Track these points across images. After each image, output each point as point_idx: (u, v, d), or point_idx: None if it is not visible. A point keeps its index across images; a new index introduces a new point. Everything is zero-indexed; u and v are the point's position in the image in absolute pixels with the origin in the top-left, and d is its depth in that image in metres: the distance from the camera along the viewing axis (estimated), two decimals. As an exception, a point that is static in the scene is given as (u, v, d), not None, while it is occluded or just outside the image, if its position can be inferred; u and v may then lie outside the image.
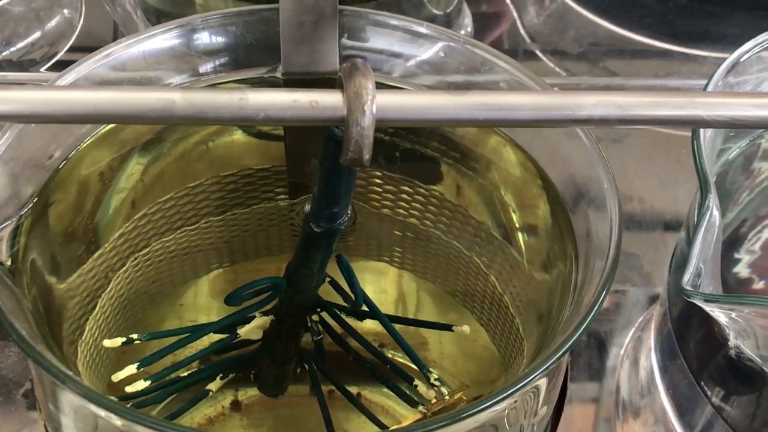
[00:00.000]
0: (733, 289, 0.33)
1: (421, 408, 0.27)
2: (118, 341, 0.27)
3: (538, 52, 0.41)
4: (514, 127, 0.27)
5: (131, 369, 0.26)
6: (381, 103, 0.21)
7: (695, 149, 0.26)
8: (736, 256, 0.33)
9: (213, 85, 0.29)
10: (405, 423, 0.28)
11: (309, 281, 0.27)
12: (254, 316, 0.28)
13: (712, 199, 0.25)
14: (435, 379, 0.28)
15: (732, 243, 0.33)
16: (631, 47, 0.39)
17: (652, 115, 0.22)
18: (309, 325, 0.28)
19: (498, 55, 0.28)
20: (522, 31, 0.41)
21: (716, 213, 0.25)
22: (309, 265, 0.27)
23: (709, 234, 0.25)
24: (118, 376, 0.26)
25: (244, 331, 0.28)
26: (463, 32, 0.42)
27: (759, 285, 0.33)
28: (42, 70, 0.39)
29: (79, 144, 0.27)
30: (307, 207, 0.26)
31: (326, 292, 0.28)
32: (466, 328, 0.28)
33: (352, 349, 0.29)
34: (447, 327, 0.29)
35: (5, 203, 0.25)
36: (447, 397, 0.27)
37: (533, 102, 0.22)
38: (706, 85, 0.26)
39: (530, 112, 0.22)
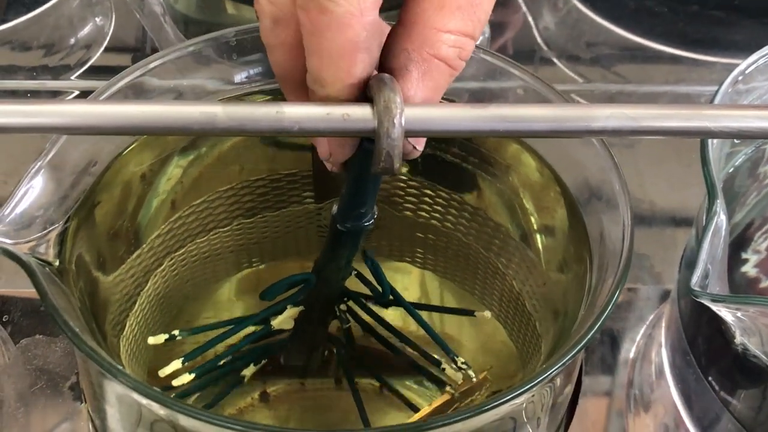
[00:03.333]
0: (741, 288, 0.34)
1: (448, 389, 0.29)
2: (162, 338, 0.28)
3: (552, 57, 0.42)
4: (532, 137, 0.29)
5: (177, 364, 0.27)
6: (409, 116, 0.23)
7: (703, 157, 0.27)
8: (744, 256, 0.34)
9: (246, 94, 0.30)
10: (435, 404, 0.29)
11: (336, 275, 0.29)
12: (286, 308, 0.29)
13: (719, 204, 0.26)
14: (462, 363, 0.29)
15: (740, 243, 0.34)
16: (642, 53, 0.41)
17: (662, 126, 0.24)
18: (337, 314, 0.30)
19: (512, 64, 0.30)
20: (537, 37, 0.43)
21: (723, 217, 0.26)
22: (336, 261, 0.28)
23: (717, 237, 0.26)
24: (165, 371, 0.27)
25: (278, 322, 0.29)
26: (480, 37, 0.43)
27: (766, 284, 0.34)
28: (75, 76, 0.41)
29: (121, 149, 0.28)
30: (335, 208, 0.27)
31: (353, 283, 0.30)
32: (487, 314, 0.30)
33: (380, 336, 0.30)
34: (469, 312, 0.30)
35: (53, 207, 0.26)
36: (474, 378, 0.29)
37: (551, 114, 0.23)
38: (715, 95, 0.28)
39: (548, 124, 0.23)
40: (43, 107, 0.22)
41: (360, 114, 0.23)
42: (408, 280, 0.33)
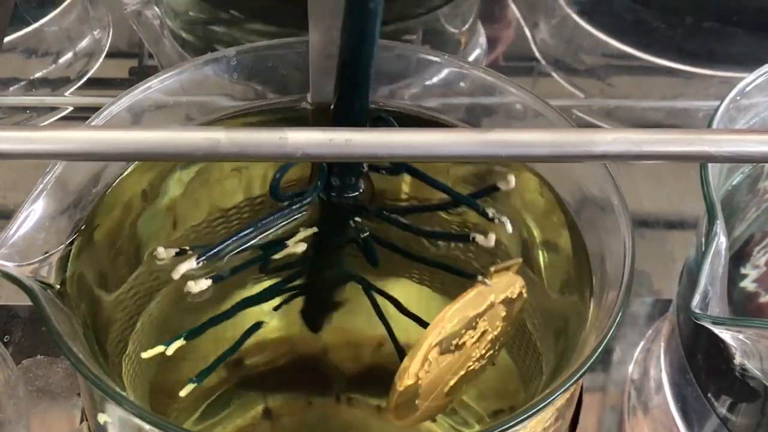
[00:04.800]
0: (740, 304, 0.34)
1: (480, 279, 0.28)
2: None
3: (550, 70, 0.43)
4: (534, 162, 0.29)
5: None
6: (408, 141, 0.23)
7: (703, 177, 0.27)
8: (743, 271, 0.34)
9: (246, 112, 0.30)
10: (466, 296, 0.28)
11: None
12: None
13: (719, 225, 0.27)
14: (493, 213, 0.28)
15: (739, 258, 0.35)
16: (639, 66, 0.41)
17: (662, 151, 0.24)
18: (353, 227, 0.30)
19: (507, 81, 0.30)
20: (534, 50, 0.43)
21: (723, 239, 0.26)
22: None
23: (716, 258, 0.26)
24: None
25: (291, 242, 0.29)
26: (478, 50, 0.44)
27: (766, 299, 0.34)
28: (74, 89, 0.41)
29: (124, 169, 0.28)
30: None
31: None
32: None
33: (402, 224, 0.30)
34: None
35: (55, 229, 0.26)
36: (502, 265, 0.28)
37: (552, 140, 0.24)
38: (713, 116, 0.28)
39: (550, 149, 0.23)
40: (45, 134, 0.22)
41: (361, 139, 0.23)
42: (407, 297, 0.33)
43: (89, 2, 0.43)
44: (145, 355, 0.28)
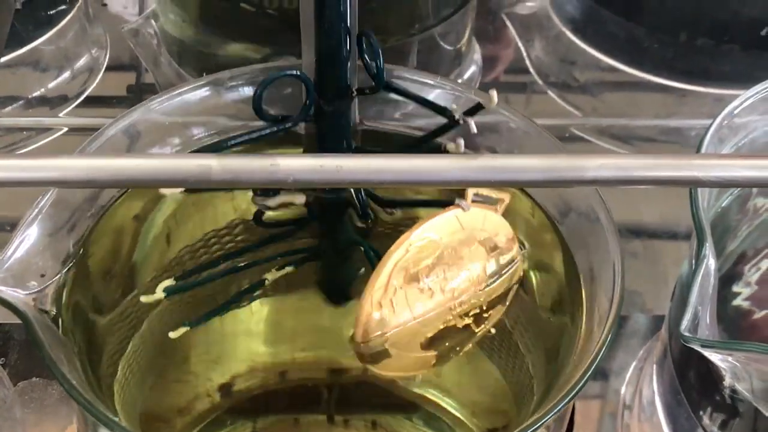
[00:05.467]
0: (734, 322, 0.34)
1: (456, 201, 0.26)
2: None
3: (544, 87, 0.43)
4: (525, 187, 0.29)
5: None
6: (399, 166, 0.23)
7: (692, 199, 0.28)
8: (735, 289, 0.35)
9: (242, 137, 0.30)
10: (439, 216, 0.26)
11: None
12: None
13: (708, 248, 0.27)
14: (460, 114, 0.27)
15: (731, 276, 0.35)
16: (633, 83, 0.41)
17: (651, 176, 0.24)
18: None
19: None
20: (529, 67, 0.43)
21: (712, 261, 0.26)
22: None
23: (706, 281, 0.27)
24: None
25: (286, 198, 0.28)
26: (473, 67, 0.44)
27: (759, 315, 0.34)
28: (72, 107, 0.42)
29: (119, 192, 0.29)
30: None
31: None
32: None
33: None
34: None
35: (50, 253, 0.26)
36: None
37: (543, 165, 0.24)
38: (702, 140, 0.28)
39: (540, 174, 0.24)
40: (38, 162, 0.22)
41: (352, 165, 0.23)
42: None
43: (87, 21, 0.43)
44: (144, 298, 0.28)
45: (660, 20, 0.40)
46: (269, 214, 0.29)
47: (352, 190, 0.29)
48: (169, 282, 0.28)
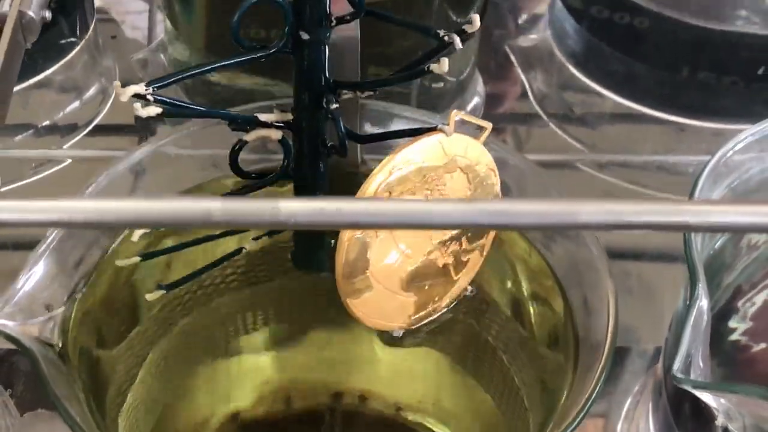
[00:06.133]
0: (730, 355, 0.35)
1: (439, 126, 0.25)
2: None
3: (545, 119, 0.44)
4: (519, 230, 0.30)
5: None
6: (397, 210, 0.24)
7: (686, 240, 0.28)
8: (731, 324, 0.35)
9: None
10: (421, 140, 0.26)
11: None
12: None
13: (701, 288, 0.27)
14: (444, 32, 0.26)
15: (728, 310, 0.35)
16: (633, 116, 0.42)
17: (643, 221, 0.24)
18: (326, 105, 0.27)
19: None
20: (531, 98, 0.44)
21: (705, 301, 0.27)
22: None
23: (699, 321, 0.27)
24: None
25: (267, 117, 0.27)
26: (476, 99, 0.45)
27: (756, 349, 0.35)
28: (81, 135, 0.42)
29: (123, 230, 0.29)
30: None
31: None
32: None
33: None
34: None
35: (57, 289, 0.27)
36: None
37: (536, 210, 0.24)
38: (694, 187, 0.28)
39: (533, 218, 0.24)
40: (41, 204, 0.23)
41: (352, 208, 0.24)
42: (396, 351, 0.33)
43: (96, 51, 0.44)
44: (120, 262, 0.28)
45: (659, 56, 0.41)
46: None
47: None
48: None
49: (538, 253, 0.30)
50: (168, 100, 0.25)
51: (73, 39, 0.42)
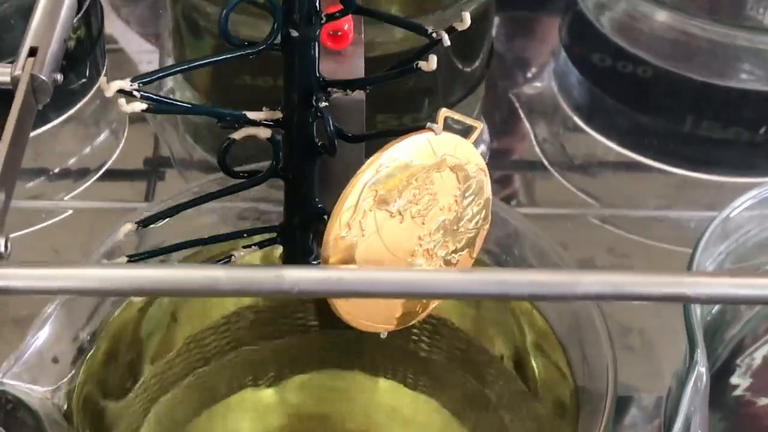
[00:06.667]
0: (733, 410, 0.35)
1: (428, 125, 0.25)
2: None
3: (549, 168, 0.44)
4: (518, 300, 0.30)
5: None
6: (397, 279, 0.24)
7: (685, 307, 0.28)
8: (734, 381, 0.35)
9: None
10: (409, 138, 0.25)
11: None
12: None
13: (699, 354, 0.28)
14: (432, 28, 0.25)
15: (731, 365, 0.35)
16: (636, 168, 0.43)
17: (641, 292, 0.25)
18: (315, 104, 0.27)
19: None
20: (535, 147, 0.44)
21: (703, 369, 0.27)
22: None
23: (697, 386, 0.27)
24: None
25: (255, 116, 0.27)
26: (482, 146, 0.45)
27: (760, 405, 0.35)
28: (92, 180, 0.43)
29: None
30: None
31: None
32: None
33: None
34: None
35: (64, 350, 0.28)
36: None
37: (536, 280, 0.25)
38: (692, 259, 0.29)
39: (533, 289, 0.25)
40: (49, 271, 0.23)
41: (355, 277, 0.24)
42: (399, 401, 0.34)
43: (106, 98, 0.45)
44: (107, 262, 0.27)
45: (661, 108, 0.42)
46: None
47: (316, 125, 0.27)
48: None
49: (539, 312, 0.30)
50: (154, 97, 0.25)
51: (84, 83, 0.43)
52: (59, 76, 0.28)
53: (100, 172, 0.43)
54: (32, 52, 0.28)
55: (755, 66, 0.40)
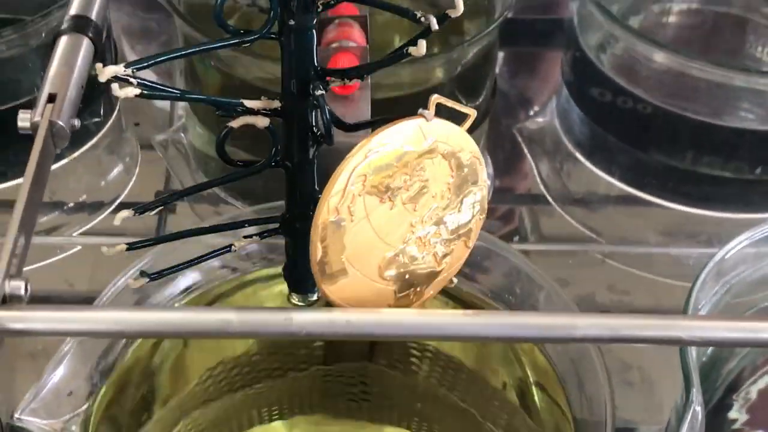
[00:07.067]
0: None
1: (420, 110, 0.24)
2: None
3: (552, 202, 0.45)
4: (520, 342, 0.31)
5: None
6: (408, 320, 0.25)
7: (681, 349, 0.29)
8: (731, 416, 0.36)
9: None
10: (400, 123, 0.24)
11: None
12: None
13: (695, 394, 0.28)
14: (421, 13, 0.24)
15: (728, 400, 0.36)
16: (636, 203, 0.44)
17: (637, 335, 0.26)
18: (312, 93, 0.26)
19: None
20: (539, 182, 0.45)
21: (698, 409, 0.28)
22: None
23: (693, 424, 0.28)
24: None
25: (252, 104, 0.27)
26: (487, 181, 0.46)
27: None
28: (106, 213, 0.44)
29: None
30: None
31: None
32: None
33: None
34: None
35: (80, 384, 0.29)
36: None
37: (535, 322, 0.26)
38: (688, 303, 0.30)
39: (532, 331, 0.26)
40: (68, 314, 0.24)
41: (362, 319, 0.25)
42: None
43: (120, 132, 0.46)
44: (105, 250, 0.28)
45: (662, 147, 0.42)
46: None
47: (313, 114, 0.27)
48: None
49: (541, 353, 0.31)
50: (148, 83, 0.25)
51: (98, 122, 0.44)
52: (77, 122, 0.29)
53: (113, 206, 0.45)
54: (51, 98, 0.29)
55: (753, 105, 0.41)
